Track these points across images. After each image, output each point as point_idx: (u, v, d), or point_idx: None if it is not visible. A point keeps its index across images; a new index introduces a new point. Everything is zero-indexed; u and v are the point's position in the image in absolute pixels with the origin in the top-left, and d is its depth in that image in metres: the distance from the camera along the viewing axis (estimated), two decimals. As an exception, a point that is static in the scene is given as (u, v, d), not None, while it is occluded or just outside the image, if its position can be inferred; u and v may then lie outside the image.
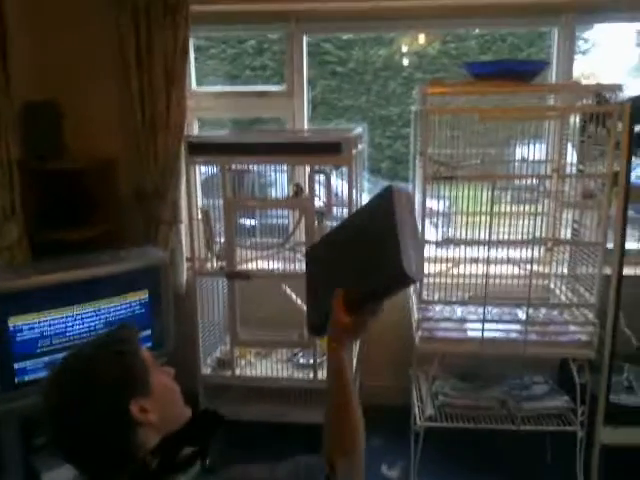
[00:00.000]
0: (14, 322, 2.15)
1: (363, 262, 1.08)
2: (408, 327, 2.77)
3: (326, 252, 1.23)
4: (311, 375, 2.57)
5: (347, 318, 1.08)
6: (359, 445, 1.13)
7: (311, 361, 2.59)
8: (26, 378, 2.22)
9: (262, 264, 2.71)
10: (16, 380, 2.19)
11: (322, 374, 2.58)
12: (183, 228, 2.88)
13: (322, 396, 1.17)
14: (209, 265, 2.66)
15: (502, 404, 2.58)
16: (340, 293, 1.08)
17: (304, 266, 1.31)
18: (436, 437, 2.54)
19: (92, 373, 1.00)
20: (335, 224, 2.58)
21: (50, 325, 2.23)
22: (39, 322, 2.20)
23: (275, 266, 2.66)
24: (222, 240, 2.62)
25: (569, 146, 2.68)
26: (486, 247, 2.38)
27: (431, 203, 2.48)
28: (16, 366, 2.18)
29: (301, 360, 2.74)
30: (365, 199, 2.88)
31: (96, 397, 0.98)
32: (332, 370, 1.12)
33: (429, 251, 2.50)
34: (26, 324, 2.18)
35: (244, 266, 2.62)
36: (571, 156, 2.66)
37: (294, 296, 2.74)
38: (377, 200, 1.12)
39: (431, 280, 2.51)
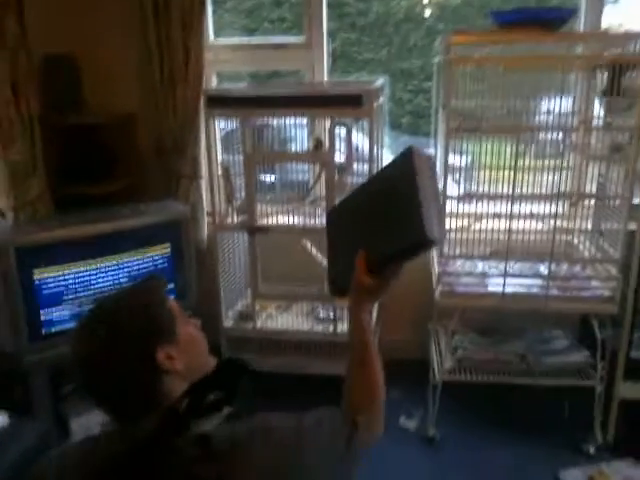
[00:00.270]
0: (39, 275, 2.19)
1: (386, 225, 1.09)
2: (428, 282, 2.77)
3: (347, 215, 1.23)
4: (331, 328, 2.59)
5: (369, 279, 1.10)
6: (379, 401, 1.17)
7: (331, 315, 2.61)
8: (53, 329, 2.28)
9: (282, 219, 2.71)
10: (43, 331, 2.25)
11: (341, 327, 2.60)
12: (203, 183, 2.87)
13: (342, 349, 1.19)
14: (229, 220, 2.67)
15: (521, 358, 2.59)
16: (362, 255, 1.09)
17: (324, 221, 1.31)
18: (454, 390, 2.57)
19: (119, 322, 1.02)
20: (355, 178, 2.56)
21: (74, 278, 2.27)
22: (63, 275, 2.24)
23: (295, 221, 2.66)
24: (242, 195, 2.61)
25: (596, 98, 2.61)
26: (509, 202, 2.35)
27: (453, 157, 2.44)
28: (43, 317, 2.24)
29: (321, 314, 2.76)
30: (386, 155, 2.84)
31: (123, 346, 1.00)
32: (353, 329, 1.15)
33: (451, 206, 2.47)
34: (51, 277, 2.22)
35: (264, 221, 2.62)
36: (598, 108, 2.58)
37: (314, 250, 2.75)
38: (398, 162, 1.12)
39: (452, 235, 2.49)
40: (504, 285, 2.37)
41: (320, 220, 2.63)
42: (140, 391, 1.00)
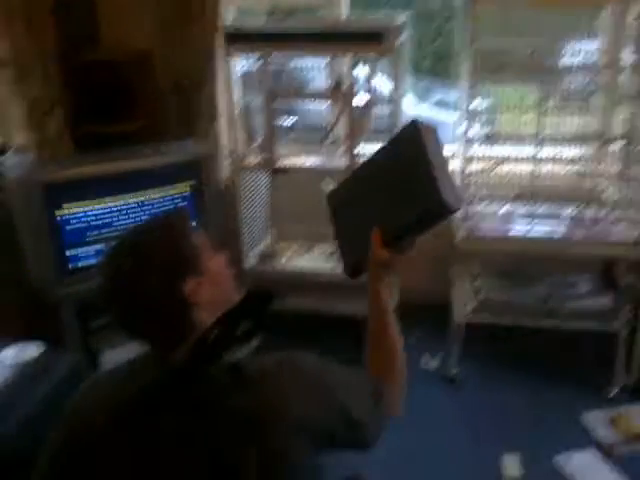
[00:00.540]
0: (62, 212, 2.20)
1: (401, 199, 1.10)
2: (448, 228, 2.75)
3: (354, 192, 1.24)
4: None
5: (386, 253, 1.12)
6: (397, 374, 1.19)
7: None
8: (79, 264, 2.30)
9: (302, 160, 2.67)
10: (70, 266, 2.28)
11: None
12: (223, 122, 2.82)
13: (363, 290, 1.20)
14: (249, 160, 2.64)
15: (544, 302, 2.58)
16: (377, 230, 1.11)
17: (344, 162, 1.28)
18: (475, 333, 2.58)
19: (145, 255, 1.01)
20: (376, 120, 2.51)
21: (97, 216, 2.27)
22: (85, 212, 2.25)
23: (315, 162, 2.63)
24: (262, 135, 2.57)
25: (625, 38, 2.51)
26: (535, 144, 2.30)
27: (477, 100, 2.38)
28: (68, 253, 2.26)
29: (342, 255, 2.75)
30: (407, 99, 2.78)
31: (150, 278, 0.99)
32: (371, 301, 1.18)
33: (475, 149, 2.42)
34: (74, 214, 2.23)
35: (284, 162, 2.58)
36: (627, 49, 2.49)
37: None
38: (404, 138, 1.12)
39: (476, 178, 2.45)
40: (528, 228, 2.34)
41: (340, 161, 2.59)
42: (169, 323, 1.01)
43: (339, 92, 2.47)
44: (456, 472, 2.11)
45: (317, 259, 2.75)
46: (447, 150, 3.04)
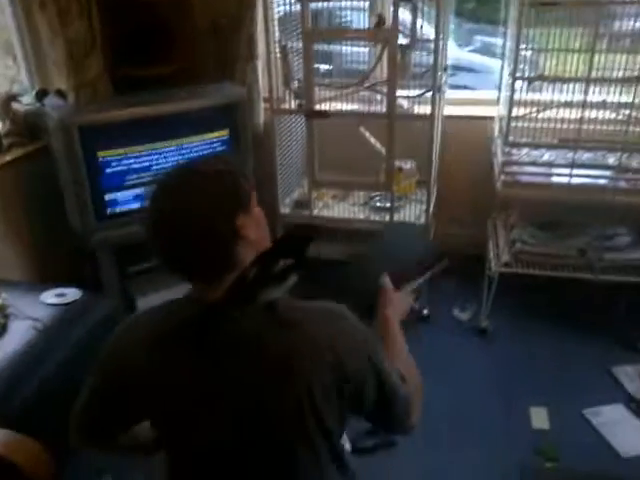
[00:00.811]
0: (103, 155, 2.23)
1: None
2: (488, 173, 2.70)
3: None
4: (387, 218, 2.58)
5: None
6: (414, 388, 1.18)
7: (388, 204, 2.59)
8: (117, 209, 2.35)
9: (340, 105, 2.62)
10: (108, 211, 2.33)
11: (398, 217, 2.59)
12: (260, 65, 2.78)
13: None
14: (287, 105, 2.61)
15: (582, 254, 2.53)
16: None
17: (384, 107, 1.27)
18: (509, 284, 2.56)
19: (206, 181, 1.02)
20: (416, 63, 2.44)
21: (136, 160, 2.30)
22: (125, 156, 2.27)
23: (353, 107, 2.58)
24: (300, 78, 2.53)
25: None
26: (580, 89, 2.20)
27: (522, 43, 2.28)
28: (107, 197, 2.30)
29: (377, 204, 2.74)
30: (450, 43, 2.67)
31: (208, 203, 1.00)
32: (381, 329, 1.28)
33: (520, 93, 2.33)
34: (113, 157, 2.26)
35: (322, 106, 2.54)
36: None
37: (372, 139, 2.68)
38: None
39: (519, 124, 2.37)
40: (570, 176, 2.28)
41: (379, 107, 2.54)
42: (216, 252, 1.00)
43: (380, 34, 2.39)
44: (485, 423, 2.14)
45: (351, 208, 2.73)
46: (490, 95, 2.97)
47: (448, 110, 2.82)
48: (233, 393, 1.00)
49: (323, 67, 2.77)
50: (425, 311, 2.67)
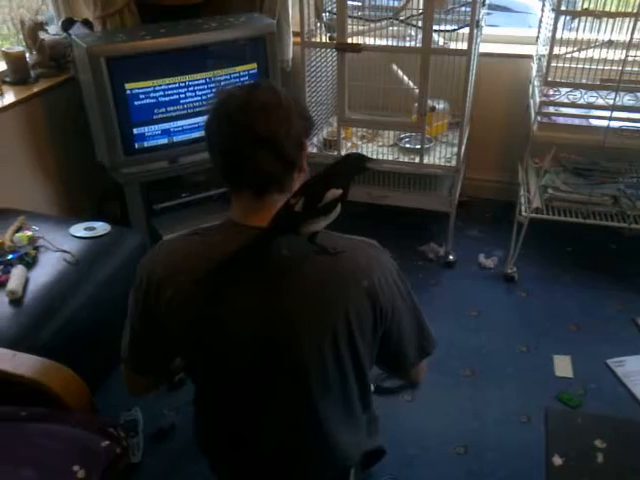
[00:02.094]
0: (130, 87, 2.19)
1: None
2: (522, 116, 2.63)
3: None
4: (417, 159, 2.52)
5: None
6: None
7: (417, 146, 2.53)
8: (145, 144, 2.32)
9: (372, 40, 2.53)
10: (136, 145, 2.30)
11: (428, 159, 2.53)
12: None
13: (426, 181, 1.17)
14: (317, 38, 2.53)
15: (614, 201, 2.47)
16: None
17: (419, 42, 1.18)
18: (537, 231, 2.53)
19: (291, 96, 1.04)
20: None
21: (164, 92, 2.26)
22: (153, 89, 2.23)
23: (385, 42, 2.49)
24: (332, 10, 2.44)
25: None
26: (628, 24, 2.09)
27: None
28: (135, 131, 2.27)
29: (407, 145, 2.68)
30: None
31: (293, 111, 1.01)
32: None
33: (562, 32, 2.22)
34: (142, 90, 2.22)
35: (354, 40, 2.45)
36: None
37: (405, 78, 2.60)
38: None
39: (558, 64, 2.26)
40: (610, 119, 2.19)
41: (414, 41, 2.45)
42: (283, 155, 1.00)
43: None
44: (508, 370, 2.14)
45: (379, 149, 2.67)
46: (529, 33, 2.84)
47: (484, 48, 2.71)
48: (270, 320, 1.00)
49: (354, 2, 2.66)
50: (451, 257, 2.65)
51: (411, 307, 1.11)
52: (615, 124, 2.21)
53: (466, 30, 2.24)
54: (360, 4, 2.61)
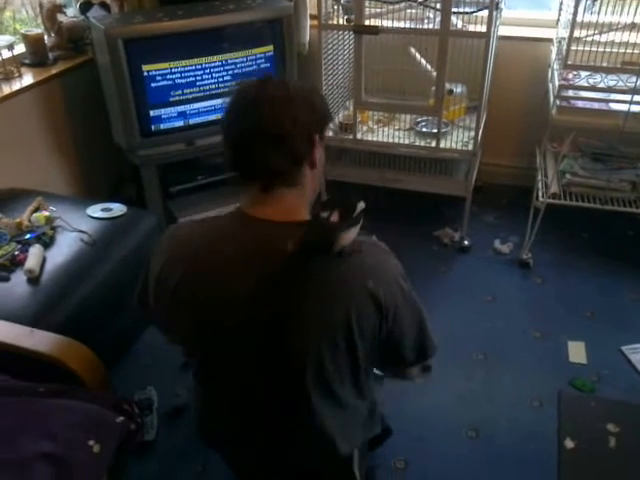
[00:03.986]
0: (148, 69, 2.19)
1: None
2: (541, 100, 2.59)
3: None
4: (433, 143, 2.51)
5: None
6: None
7: (434, 130, 2.51)
8: (161, 126, 2.33)
9: (389, 23, 2.51)
10: (152, 127, 2.31)
11: (444, 144, 2.51)
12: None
13: (441, 165, 1.16)
14: (334, 22, 2.51)
15: (633, 187, 2.44)
16: None
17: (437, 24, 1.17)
18: (554, 217, 2.50)
19: (304, 88, 1.05)
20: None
21: (181, 74, 2.26)
22: (170, 70, 2.23)
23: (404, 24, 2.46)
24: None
25: None
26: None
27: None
28: (152, 113, 2.28)
29: (424, 129, 2.66)
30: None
31: (304, 105, 1.01)
32: None
33: (582, 14, 2.18)
34: (159, 71, 2.22)
35: (372, 22, 2.43)
36: None
37: (423, 61, 2.58)
38: None
39: (579, 47, 2.23)
40: (631, 102, 2.15)
41: (432, 23, 2.42)
42: (294, 147, 1.00)
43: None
44: (522, 355, 2.14)
45: (395, 133, 2.65)
46: (549, 16, 2.80)
47: (503, 31, 2.67)
48: (271, 313, 1.01)
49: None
50: (466, 242, 2.64)
51: (414, 310, 1.11)
52: (636, 108, 2.18)
53: (485, 12, 2.21)
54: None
